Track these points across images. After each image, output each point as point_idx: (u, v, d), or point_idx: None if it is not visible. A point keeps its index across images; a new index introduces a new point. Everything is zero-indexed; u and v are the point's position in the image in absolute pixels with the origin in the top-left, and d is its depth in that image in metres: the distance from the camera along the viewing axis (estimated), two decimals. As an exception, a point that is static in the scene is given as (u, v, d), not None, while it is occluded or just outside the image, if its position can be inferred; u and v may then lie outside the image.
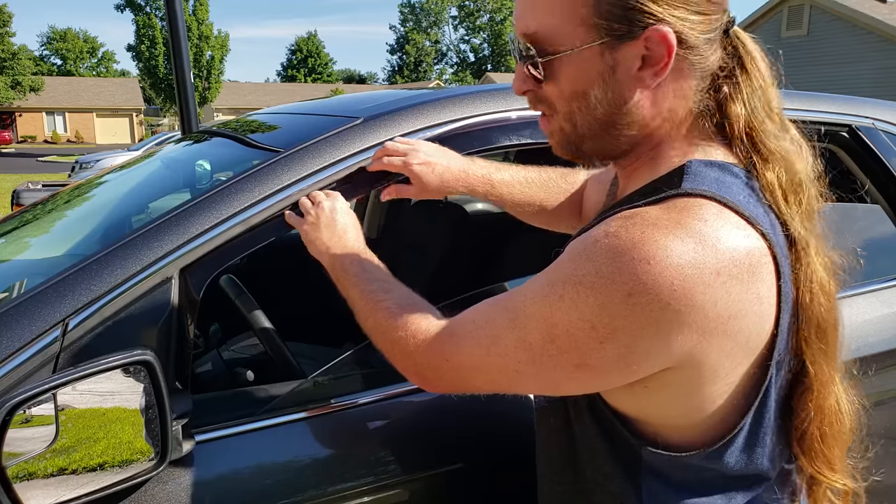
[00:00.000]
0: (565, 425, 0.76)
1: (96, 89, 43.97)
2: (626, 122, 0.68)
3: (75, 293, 0.92)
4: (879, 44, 14.27)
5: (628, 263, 0.58)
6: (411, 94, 1.34)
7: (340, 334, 2.10)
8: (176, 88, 2.88)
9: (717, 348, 0.61)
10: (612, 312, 0.59)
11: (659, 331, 0.59)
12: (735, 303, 0.60)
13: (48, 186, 8.44)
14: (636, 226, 0.60)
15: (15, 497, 0.78)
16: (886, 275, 1.50)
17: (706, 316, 0.59)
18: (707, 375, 0.63)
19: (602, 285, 0.59)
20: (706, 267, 0.58)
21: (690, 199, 0.62)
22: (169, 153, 1.83)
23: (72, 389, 0.81)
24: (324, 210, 0.99)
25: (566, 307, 0.61)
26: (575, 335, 0.61)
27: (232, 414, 1.02)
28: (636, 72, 0.64)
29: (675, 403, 0.66)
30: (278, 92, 47.18)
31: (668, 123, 0.68)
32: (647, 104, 0.66)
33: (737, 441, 0.66)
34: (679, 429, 0.68)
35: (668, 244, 0.58)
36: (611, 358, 0.61)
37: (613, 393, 0.69)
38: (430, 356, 0.74)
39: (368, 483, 1.02)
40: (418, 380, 0.78)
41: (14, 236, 1.60)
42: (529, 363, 0.65)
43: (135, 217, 1.42)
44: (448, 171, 1.05)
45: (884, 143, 1.55)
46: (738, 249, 0.60)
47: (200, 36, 34.33)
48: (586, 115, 0.68)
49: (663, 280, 0.57)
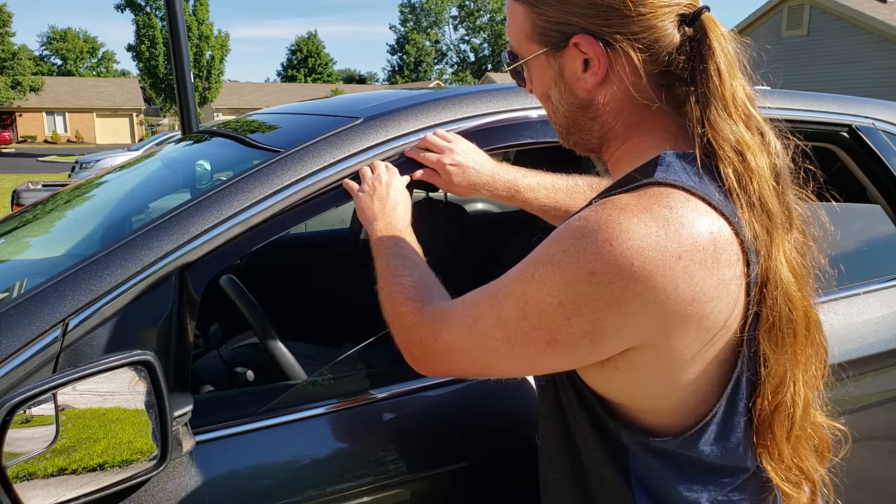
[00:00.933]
0: (557, 410, 0.79)
1: (96, 89, 43.98)
2: (587, 117, 0.75)
3: (75, 293, 0.92)
4: (879, 44, 14.26)
5: (592, 244, 0.62)
6: (411, 94, 1.34)
7: (340, 334, 2.10)
8: (176, 88, 2.88)
9: (681, 331, 0.63)
10: (577, 290, 0.63)
11: (621, 309, 0.62)
12: (698, 287, 0.62)
13: (48, 186, 8.43)
14: (605, 210, 0.64)
15: (15, 497, 0.78)
16: (886, 275, 1.50)
17: (668, 297, 0.61)
18: (674, 359, 0.65)
19: (568, 263, 0.63)
20: (668, 250, 0.61)
21: (661, 187, 0.65)
22: (169, 153, 1.83)
23: (72, 389, 0.81)
24: (381, 182, 1.04)
25: (537, 285, 0.66)
26: (545, 311, 0.65)
27: (232, 414, 1.02)
28: (581, 74, 0.72)
29: (645, 386, 0.69)
30: (278, 92, 47.18)
31: (631, 118, 0.73)
32: (601, 101, 0.73)
33: (710, 428, 0.68)
34: (653, 413, 0.70)
35: (632, 227, 0.62)
36: (577, 334, 0.64)
37: (589, 374, 0.72)
38: (422, 333, 0.78)
39: (368, 483, 1.02)
40: (408, 356, 0.81)
41: (14, 236, 1.60)
42: (505, 340, 0.69)
43: (135, 217, 1.42)
44: (477, 175, 1.09)
45: (884, 143, 1.55)
46: (702, 235, 0.63)
47: (200, 36, 34.31)
48: (555, 114, 0.79)
49: (624, 260, 0.61)
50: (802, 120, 1.46)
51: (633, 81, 0.70)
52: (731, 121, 0.68)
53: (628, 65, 0.70)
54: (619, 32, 0.69)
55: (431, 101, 1.22)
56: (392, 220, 0.99)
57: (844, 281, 1.43)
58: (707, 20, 0.69)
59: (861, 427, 1.40)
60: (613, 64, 0.70)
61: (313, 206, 1.08)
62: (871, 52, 14.38)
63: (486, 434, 1.12)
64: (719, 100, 0.68)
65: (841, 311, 1.37)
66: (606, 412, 0.72)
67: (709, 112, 0.68)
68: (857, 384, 1.37)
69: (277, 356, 1.41)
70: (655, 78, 0.71)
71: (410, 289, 0.84)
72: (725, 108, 0.68)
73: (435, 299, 0.82)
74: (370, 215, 1.01)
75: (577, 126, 0.77)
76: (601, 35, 0.69)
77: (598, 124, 0.75)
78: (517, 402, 1.15)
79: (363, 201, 1.03)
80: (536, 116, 1.27)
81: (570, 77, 0.73)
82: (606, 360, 0.67)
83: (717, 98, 0.68)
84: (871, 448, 1.43)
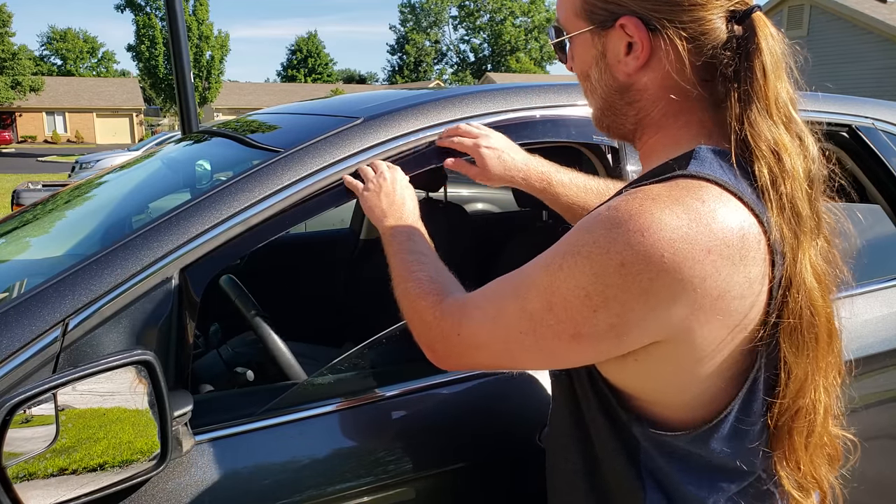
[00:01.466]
0: (571, 401, 0.79)
1: (96, 89, 43.97)
2: (624, 101, 0.75)
3: (75, 293, 0.92)
4: (879, 44, 14.26)
5: (623, 234, 0.61)
6: (411, 94, 1.34)
7: (340, 334, 2.10)
8: (176, 88, 2.88)
9: (705, 326, 0.63)
10: (606, 281, 0.62)
11: (648, 301, 0.61)
12: (724, 282, 0.61)
13: (48, 186, 8.43)
14: (636, 200, 0.63)
15: (15, 497, 0.78)
16: (886, 275, 1.50)
17: (695, 291, 0.61)
18: (693, 353, 0.64)
19: (597, 255, 0.62)
20: (698, 243, 0.60)
21: (694, 180, 0.64)
22: (169, 153, 1.83)
23: (72, 389, 0.81)
24: (385, 180, 1.04)
25: (564, 276, 0.65)
26: (571, 303, 0.64)
27: (232, 414, 1.02)
28: (623, 57, 0.72)
29: (662, 379, 0.68)
30: (278, 92, 47.17)
31: (669, 107, 0.72)
32: (640, 87, 0.73)
33: (723, 427, 0.67)
34: (667, 407, 0.70)
35: (663, 218, 0.61)
36: (603, 327, 0.64)
37: (606, 365, 0.71)
38: (443, 328, 0.77)
39: (368, 483, 1.02)
40: (429, 352, 0.80)
41: (14, 236, 1.60)
42: (530, 333, 0.68)
43: (135, 217, 1.42)
44: (512, 161, 1.09)
45: (884, 144, 1.56)
46: (732, 231, 0.62)
47: (200, 36, 34.31)
48: (592, 94, 0.79)
49: (655, 251, 0.60)
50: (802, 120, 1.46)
51: (674, 70, 0.69)
52: (771, 121, 0.67)
53: (672, 53, 0.69)
54: (667, 19, 0.68)
55: (431, 101, 1.22)
56: (402, 216, 0.99)
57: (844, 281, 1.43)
58: (757, 19, 0.68)
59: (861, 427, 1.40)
60: (657, 50, 0.70)
61: (313, 206, 1.08)
62: (870, 52, 14.38)
63: (485, 434, 1.12)
64: (762, 99, 0.67)
65: (840, 312, 1.37)
66: (620, 404, 0.72)
67: (749, 110, 0.67)
68: (857, 384, 1.37)
69: (277, 356, 1.41)
70: (697, 70, 0.70)
71: (427, 283, 0.83)
72: (767, 108, 0.67)
73: (453, 292, 0.81)
74: (379, 213, 1.01)
75: (613, 109, 0.77)
76: (649, 19, 0.69)
77: (635, 110, 0.75)
78: (516, 403, 1.15)
79: (370, 199, 1.03)
80: (539, 116, 1.27)
81: (612, 58, 0.73)
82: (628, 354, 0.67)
83: (760, 98, 0.67)
84: (871, 448, 1.43)
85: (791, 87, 0.70)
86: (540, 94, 1.30)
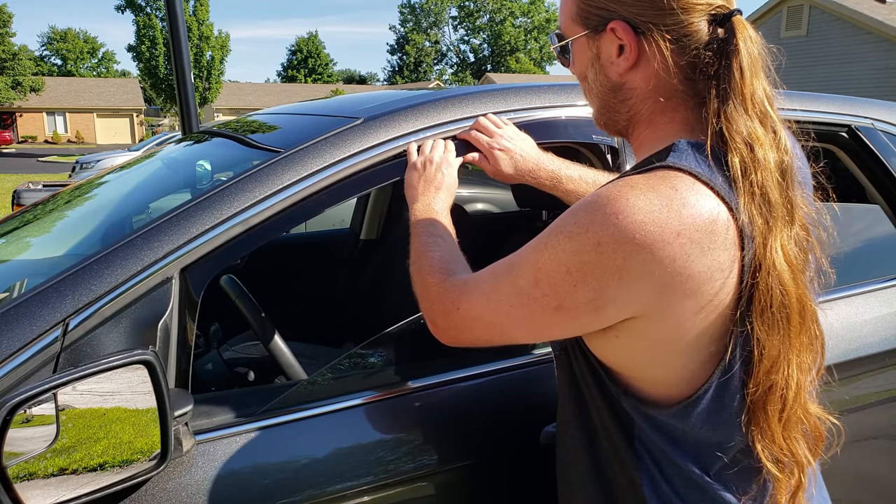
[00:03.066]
0: (571, 379, 0.84)
1: (97, 89, 43.97)
2: (617, 99, 0.81)
3: (76, 293, 0.92)
4: (879, 44, 14.25)
5: (601, 216, 0.67)
6: (411, 94, 1.34)
7: (340, 334, 2.11)
8: (176, 89, 2.88)
9: (675, 305, 0.68)
10: (584, 259, 0.68)
11: (622, 278, 0.67)
12: (694, 264, 0.66)
13: (49, 186, 8.43)
14: (616, 187, 0.69)
15: (15, 497, 0.78)
16: (886, 275, 1.50)
17: (665, 271, 0.66)
18: (668, 331, 0.69)
19: (577, 234, 0.69)
20: (668, 226, 0.66)
21: (670, 171, 0.70)
22: (169, 153, 1.83)
23: (72, 389, 0.82)
24: (431, 164, 1.10)
25: (549, 253, 0.71)
26: (554, 278, 0.70)
27: (232, 414, 1.02)
28: (615, 58, 0.78)
29: (642, 356, 0.73)
30: (278, 92, 47.17)
31: (656, 105, 0.78)
32: (630, 86, 0.79)
33: (702, 402, 0.72)
34: (650, 383, 0.75)
35: (637, 203, 0.67)
36: (582, 301, 0.69)
37: (593, 343, 0.77)
38: (445, 302, 0.84)
39: (367, 483, 1.02)
40: (431, 326, 0.87)
41: (15, 236, 1.60)
42: (518, 307, 0.75)
43: (135, 217, 1.43)
44: (523, 162, 1.15)
45: (883, 144, 1.56)
46: (701, 216, 0.67)
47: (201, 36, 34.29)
48: (589, 93, 0.85)
49: (627, 233, 0.66)
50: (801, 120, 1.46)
51: (661, 69, 0.75)
52: (746, 116, 0.71)
53: (658, 53, 0.75)
54: (652, 22, 0.74)
55: (431, 102, 1.22)
56: (431, 202, 1.05)
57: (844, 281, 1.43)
58: (737, 22, 0.73)
59: (860, 427, 1.40)
60: (644, 51, 0.76)
61: (313, 206, 1.08)
62: (870, 53, 14.38)
63: (485, 432, 1.12)
64: (738, 96, 0.72)
65: (841, 312, 1.37)
66: (611, 380, 0.77)
67: (726, 106, 0.72)
68: (857, 384, 1.37)
69: (277, 356, 1.41)
70: (682, 69, 0.75)
71: (438, 262, 0.90)
72: (743, 103, 0.72)
73: (459, 273, 0.87)
74: (413, 194, 1.07)
75: (608, 107, 0.83)
76: (636, 23, 0.75)
77: (626, 107, 0.81)
78: (515, 403, 1.16)
79: (412, 178, 1.09)
80: (539, 117, 1.27)
81: (605, 60, 0.79)
82: (608, 328, 0.72)
83: (737, 94, 0.72)
84: (871, 448, 1.43)
85: (768, 85, 0.74)
86: (539, 94, 1.30)
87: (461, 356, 1.10)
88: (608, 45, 0.78)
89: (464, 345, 0.84)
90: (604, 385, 0.78)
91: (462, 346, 0.84)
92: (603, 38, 0.78)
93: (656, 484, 0.76)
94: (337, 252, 2.55)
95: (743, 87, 0.72)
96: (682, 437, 0.74)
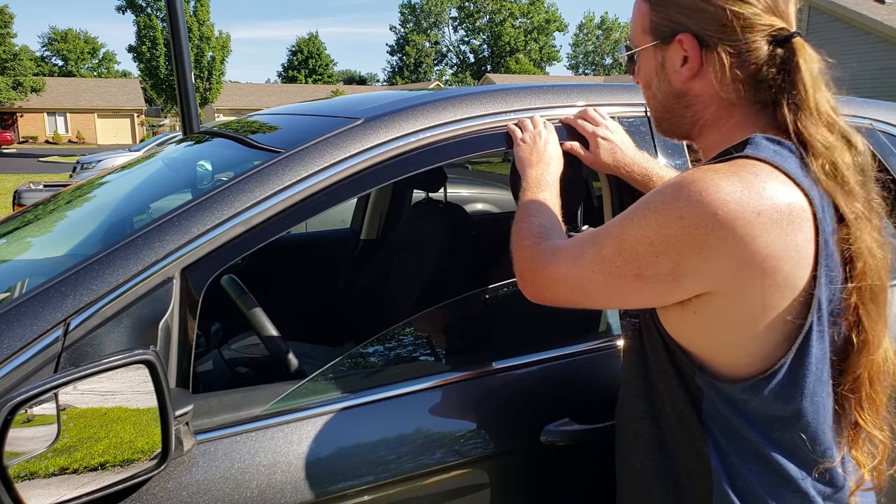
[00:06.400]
0: (641, 354, 0.90)
1: (97, 90, 43.97)
2: (681, 105, 0.89)
3: (77, 293, 0.92)
4: (878, 44, 14.24)
5: (686, 193, 0.73)
6: (411, 95, 1.35)
7: (341, 334, 2.11)
8: (177, 89, 2.88)
9: (753, 282, 0.73)
10: (667, 232, 0.74)
11: (703, 252, 0.72)
12: (772, 244, 0.72)
13: (49, 187, 8.43)
14: (700, 170, 0.76)
15: (16, 496, 0.79)
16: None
17: (745, 248, 0.71)
18: (744, 308, 0.74)
19: (663, 209, 0.75)
20: (749, 206, 0.71)
21: (750, 160, 0.76)
22: (170, 154, 1.83)
23: (73, 389, 0.82)
24: (540, 137, 1.19)
25: (634, 226, 0.78)
26: (637, 249, 0.77)
27: (233, 414, 1.02)
28: (679, 68, 0.86)
29: (718, 332, 0.78)
30: (279, 93, 47.16)
31: (720, 110, 0.85)
32: (693, 93, 0.86)
33: (776, 378, 0.77)
34: (725, 359, 0.79)
35: (720, 183, 0.73)
36: (663, 271, 0.75)
37: (669, 320, 0.83)
38: (537, 263, 0.90)
39: (368, 483, 1.02)
40: (521, 281, 0.94)
41: (16, 236, 1.61)
42: (600, 272, 0.81)
43: (136, 217, 1.43)
44: (621, 154, 1.22)
45: (883, 144, 1.56)
46: (780, 200, 0.73)
47: (201, 37, 34.28)
48: (653, 99, 0.93)
49: (710, 209, 0.71)
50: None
51: (722, 79, 0.82)
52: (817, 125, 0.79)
53: (719, 66, 0.82)
54: (717, 37, 0.82)
55: (431, 102, 1.22)
56: (544, 173, 1.12)
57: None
58: (797, 44, 0.80)
59: None
60: (707, 63, 0.83)
61: (314, 207, 1.08)
62: (869, 53, 14.36)
63: (482, 431, 1.12)
64: (806, 108, 0.79)
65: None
66: (685, 357, 0.82)
67: (799, 115, 0.79)
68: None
69: (278, 355, 1.41)
70: (742, 80, 0.82)
71: (536, 227, 0.97)
72: (811, 114, 0.79)
73: (553, 239, 0.94)
74: (525, 164, 1.14)
75: (671, 112, 0.91)
76: (702, 37, 0.83)
77: (691, 112, 0.88)
78: (516, 402, 1.16)
79: (522, 151, 1.17)
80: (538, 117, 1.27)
81: (670, 69, 0.87)
82: (686, 304, 0.78)
83: (804, 106, 0.79)
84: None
85: (831, 97, 0.82)
86: (539, 94, 1.30)
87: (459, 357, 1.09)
88: (673, 56, 0.86)
89: (548, 303, 0.90)
90: (677, 361, 0.83)
91: (546, 304, 0.90)
92: (669, 48, 0.86)
93: (724, 456, 0.81)
94: (337, 252, 2.55)
95: (807, 101, 0.79)
96: (753, 410, 0.79)
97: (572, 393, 1.21)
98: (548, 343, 1.24)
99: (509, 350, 1.23)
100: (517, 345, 1.25)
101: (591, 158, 1.22)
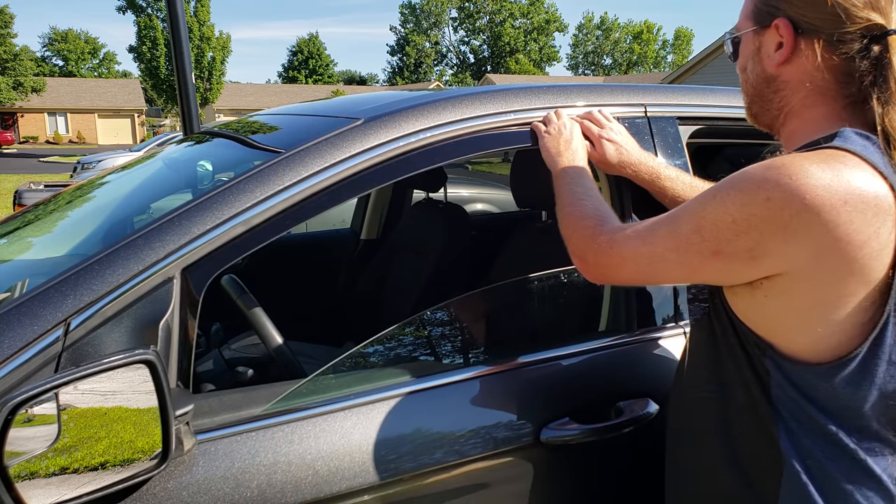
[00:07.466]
0: (711, 338, 0.90)
1: (98, 90, 43.98)
2: (770, 90, 0.90)
3: (77, 293, 0.92)
4: (880, 45, 14.21)
5: (773, 175, 0.74)
6: (411, 95, 1.35)
7: (341, 334, 2.11)
8: (177, 89, 2.88)
9: (831, 268, 0.73)
10: (752, 211, 0.75)
11: (785, 234, 0.73)
12: (856, 232, 0.72)
13: (50, 187, 8.44)
14: (790, 156, 0.77)
15: (17, 496, 0.79)
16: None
17: (828, 233, 0.72)
18: (819, 293, 0.75)
19: (749, 189, 0.76)
20: (836, 193, 0.72)
21: (839, 150, 0.77)
22: (171, 154, 1.83)
23: (74, 389, 0.82)
24: (566, 128, 1.21)
25: (716, 204, 0.78)
26: (718, 226, 0.78)
27: (233, 413, 1.02)
28: (773, 53, 0.88)
29: (789, 317, 0.79)
30: (279, 93, 47.18)
31: (807, 98, 0.86)
32: (784, 78, 0.87)
33: (848, 367, 0.77)
34: (794, 344, 0.80)
35: (810, 169, 0.73)
36: (741, 249, 0.76)
37: (739, 304, 0.83)
38: (600, 242, 0.92)
39: (368, 483, 1.02)
40: (580, 262, 0.95)
41: (16, 236, 1.61)
42: (674, 250, 0.83)
43: (137, 217, 1.43)
44: (627, 155, 1.23)
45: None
46: (867, 190, 0.73)
47: (202, 37, 34.28)
48: (746, 83, 0.95)
49: (798, 193, 0.72)
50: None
51: (813, 67, 0.84)
52: None
53: (811, 54, 0.83)
54: (812, 25, 0.83)
55: (431, 103, 1.22)
56: (575, 159, 1.15)
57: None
58: (892, 41, 0.80)
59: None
60: (800, 50, 0.85)
61: (314, 207, 1.08)
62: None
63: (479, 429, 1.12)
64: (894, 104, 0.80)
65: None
66: (755, 338, 0.83)
67: (888, 109, 0.79)
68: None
69: (278, 355, 1.41)
70: (833, 71, 0.83)
71: (592, 210, 0.99)
72: None
73: (613, 220, 0.96)
74: (554, 153, 1.16)
75: (761, 96, 0.92)
76: (798, 23, 0.84)
77: (779, 98, 0.89)
78: (516, 400, 1.16)
79: (549, 141, 1.19)
80: (540, 117, 1.27)
81: (764, 53, 0.89)
82: (757, 287, 0.79)
83: (893, 102, 0.80)
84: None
85: None
86: (539, 95, 1.30)
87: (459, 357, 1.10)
88: (769, 40, 0.88)
89: (610, 282, 0.92)
90: (746, 343, 0.84)
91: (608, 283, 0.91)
92: (766, 33, 0.88)
93: (795, 439, 0.81)
94: (337, 252, 2.55)
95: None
96: (824, 395, 0.79)
97: (572, 393, 1.21)
98: (548, 343, 1.24)
99: (509, 350, 1.23)
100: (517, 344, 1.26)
101: (598, 158, 1.23)
